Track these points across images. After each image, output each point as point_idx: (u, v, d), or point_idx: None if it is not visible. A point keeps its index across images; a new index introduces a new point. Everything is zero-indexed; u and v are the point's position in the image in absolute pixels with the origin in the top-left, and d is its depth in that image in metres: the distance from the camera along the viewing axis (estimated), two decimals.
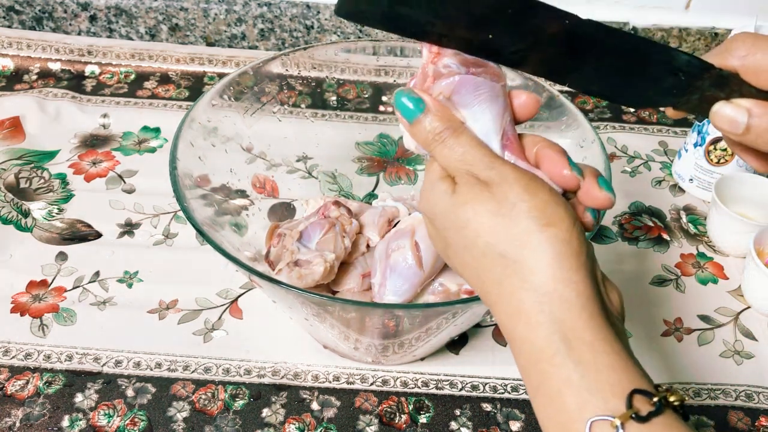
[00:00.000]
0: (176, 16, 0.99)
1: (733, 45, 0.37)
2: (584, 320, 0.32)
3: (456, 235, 0.36)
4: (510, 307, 0.34)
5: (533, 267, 0.33)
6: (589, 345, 0.32)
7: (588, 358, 0.31)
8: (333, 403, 0.60)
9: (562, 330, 0.32)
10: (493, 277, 0.35)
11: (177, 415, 0.59)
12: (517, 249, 0.34)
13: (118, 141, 0.86)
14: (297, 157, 0.76)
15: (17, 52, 0.98)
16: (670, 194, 0.83)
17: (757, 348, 0.67)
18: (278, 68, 0.70)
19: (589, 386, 0.31)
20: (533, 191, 0.34)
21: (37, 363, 0.62)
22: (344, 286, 0.63)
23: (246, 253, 0.63)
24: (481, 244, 0.35)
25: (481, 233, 0.35)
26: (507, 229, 0.34)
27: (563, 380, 0.32)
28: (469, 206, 0.35)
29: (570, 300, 0.33)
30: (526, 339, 0.33)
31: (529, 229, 0.33)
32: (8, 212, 0.76)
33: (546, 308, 0.33)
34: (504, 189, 0.35)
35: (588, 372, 0.31)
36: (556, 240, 0.33)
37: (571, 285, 0.33)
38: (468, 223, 0.35)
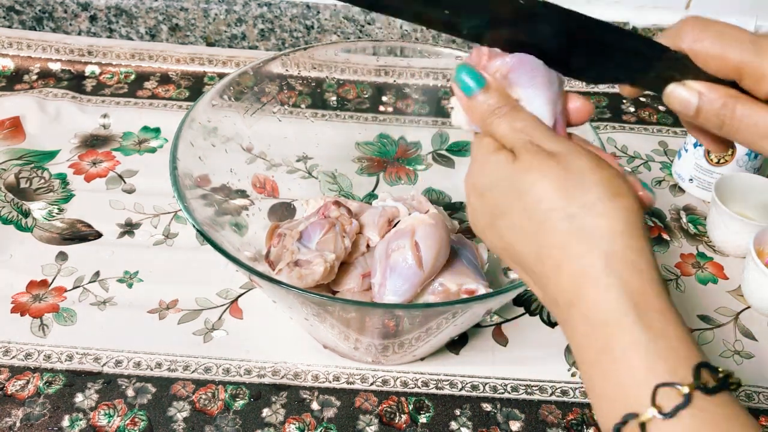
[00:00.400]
0: (176, 17, 0.99)
1: (683, 29, 0.38)
2: (654, 289, 0.32)
3: (516, 201, 0.36)
4: (576, 271, 0.34)
5: (604, 232, 0.33)
6: (659, 313, 0.32)
7: (658, 325, 0.31)
8: (333, 403, 0.60)
9: (632, 295, 0.32)
10: (557, 241, 0.34)
11: (177, 415, 0.59)
12: (587, 215, 0.34)
13: (119, 141, 0.86)
14: (297, 157, 0.76)
15: (17, 52, 0.98)
16: (670, 194, 0.83)
17: (757, 348, 0.67)
18: (278, 68, 0.70)
19: (658, 352, 0.31)
20: (600, 165, 0.35)
21: (38, 363, 0.62)
22: (344, 286, 0.63)
23: (246, 253, 0.63)
24: (545, 208, 0.35)
25: (546, 198, 0.35)
26: (577, 195, 0.34)
27: (632, 343, 0.31)
28: (535, 171, 0.35)
29: (641, 267, 0.33)
30: (593, 301, 0.33)
31: (599, 198, 0.34)
32: (8, 212, 0.76)
33: (617, 272, 0.32)
34: (571, 159, 0.35)
35: (658, 338, 0.31)
36: (626, 210, 0.34)
37: (642, 253, 0.33)
38: (532, 188, 0.35)
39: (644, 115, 0.94)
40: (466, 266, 0.61)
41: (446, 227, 0.62)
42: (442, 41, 1.00)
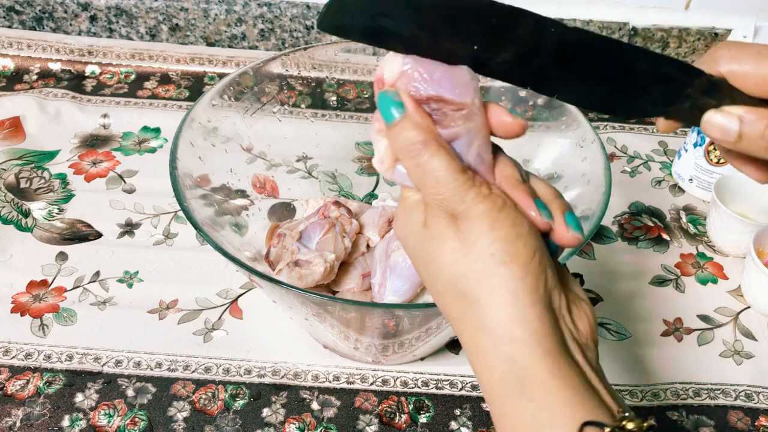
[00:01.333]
0: (176, 17, 0.99)
1: (718, 53, 0.36)
2: (538, 357, 0.33)
3: (423, 267, 0.37)
4: (471, 344, 0.35)
5: (489, 307, 0.34)
6: (542, 383, 0.32)
7: (540, 397, 0.32)
8: (333, 403, 0.60)
9: (515, 369, 0.33)
10: (456, 313, 0.35)
11: (177, 414, 0.59)
12: (475, 289, 0.34)
13: (118, 141, 0.86)
14: (297, 157, 0.76)
15: (17, 52, 0.98)
16: (669, 194, 0.83)
17: (757, 348, 0.67)
18: (278, 68, 0.70)
19: (542, 423, 0.32)
20: (497, 227, 0.34)
21: (38, 363, 0.62)
22: (344, 286, 0.63)
23: (246, 253, 0.63)
24: (444, 279, 0.35)
25: (444, 270, 0.35)
26: (466, 268, 0.34)
27: (518, 417, 0.33)
28: (434, 242, 0.35)
29: (523, 340, 0.33)
30: (483, 376, 0.34)
31: (486, 269, 0.34)
32: (8, 212, 0.76)
33: (501, 348, 0.33)
34: (468, 226, 0.34)
35: (540, 410, 0.32)
36: (511, 278, 0.33)
37: (525, 324, 0.33)
38: (434, 259, 0.36)
39: None
40: None
41: None
42: None
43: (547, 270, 0.35)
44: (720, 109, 0.36)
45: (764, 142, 0.35)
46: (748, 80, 0.35)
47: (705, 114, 0.36)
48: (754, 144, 0.36)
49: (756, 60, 0.35)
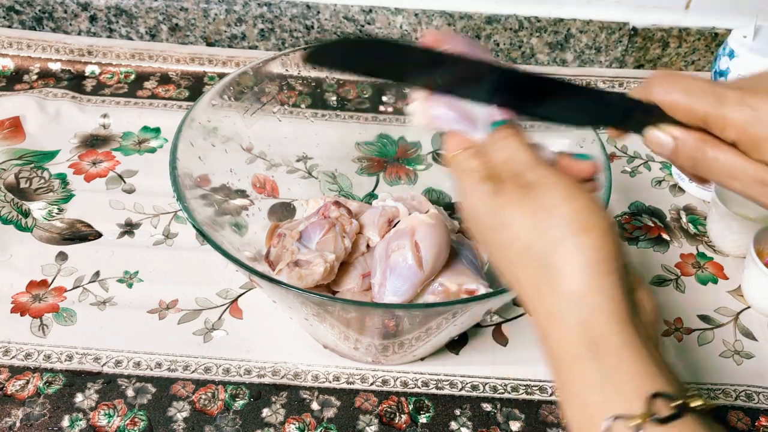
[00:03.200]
0: (176, 16, 0.99)
1: (652, 83, 0.40)
2: (612, 325, 0.34)
3: (495, 235, 0.38)
4: (543, 309, 0.36)
5: (565, 273, 0.35)
6: (615, 349, 0.33)
7: (612, 362, 0.33)
8: (333, 403, 0.60)
9: (589, 334, 0.34)
10: (529, 279, 0.36)
11: (177, 415, 0.59)
12: (551, 254, 0.35)
13: (118, 141, 0.86)
14: (297, 157, 0.76)
15: (17, 52, 0.98)
16: (670, 194, 0.83)
17: (757, 348, 0.67)
18: (278, 68, 0.70)
19: (611, 387, 0.32)
20: (571, 197, 0.36)
21: (37, 363, 0.62)
22: (344, 286, 0.63)
23: (246, 253, 0.63)
24: (519, 246, 0.36)
25: (519, 236, 0.36)
26: (543, 234, 0.35)
27: (588, 380, 0.33)
28: (509, 208, 0.37)
29: (599, 306, 0.34)
30: (556, 339, 0.35)
31: (563, 235, 0.35)
32: (8, 212, 0.76)
33: (575, 313, 0.34)
34: (543, 193, 0.36)
35: (611, 375, 0.33)
36: (587, 247, 0.35)
37: (601, 291, 0.34)
38: (508, 225, 0.37)
39: None
40: (466, 266, 0.61)
41: (446, 227, 0.62)
42: None
43: (621, 244, 0.36)
44: (659, 126, 0.40)
45: (692, 161, 0.40)
46: (675, 110, 0.39)
47: (645, 130, 0.41)
48: (685, 161, 0.40)
49: (684, 94, 0.39)
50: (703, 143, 0.39)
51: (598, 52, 1.00)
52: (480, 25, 0.98)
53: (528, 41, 0.99)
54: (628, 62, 1.01)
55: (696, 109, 0.38)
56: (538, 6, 0.97)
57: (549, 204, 0.36)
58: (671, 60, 1.01)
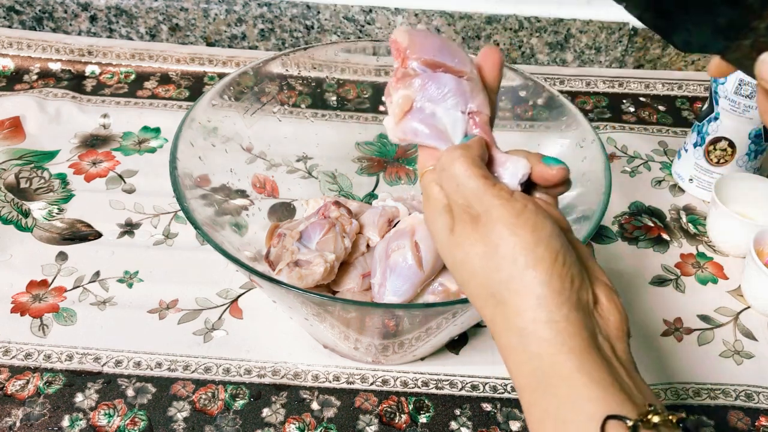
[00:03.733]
0: (176, 17, 0.99)
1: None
2: (564, 356, 0.34)
3: (455, 271, 0.39)
4: (501, 343, 0.37)
5: (517, 310, 0.35)
6: (565, 380, 0.33)
7: (563, 392, 0.33)
8: (333, 403, 0.60)
9: (541, 367, 0.34)
10: (488, 315, 0.37)
11: (177, 414, 0.59)
12: (503, 292, 0.36)
13: (118, 141, 0.86)
14: (297, 157, 0.76)
15: (17, 52, 0.98)
16: (670, 194, 0.83)
17: (757, 348, 0.67)
18: (278, 68, 0.70)
19: (565, 418, 0.33)
20: (516, 231, 0.35)
21: (38, 363, 0.62)
22: (344, 286, 0.63)
23: (246, 253, 0.63)
24: (475, 284, 0.37)
25: (474, 273, 0.37)
26: (492, 273, 0.36)
27: (544, 411, 0.34)
28: (461, 249, 0.37)
29: (549, 340, 0.34)
30: (514, 372, 0.36)
31: (511, 274, 0.35)
32: (8, 212, 0.76)
33: (528, 347, 0.35)
34: (489, 228, 0.36)
35: (563, 404, 0.33)
36: (536, 282, 0.35)
37: (551, 325, 0.34)
38: (463, 263, 0.37)
39: (644, 115, 0.94)
40: None
41: None
42: None
43: (572, 269, 0.35)
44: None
45: None
46: None
47: (763, 54, 0.35)
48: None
49: None
50: None
51: (598, 52, 1.00)
52: (480, 25, 0.98)
53: (528, 41, 0.99)
54: (628, 62, 1.01)
55: None
56: (538, 6, 0.97)
57: (495, 240, 0.36)
58: (671, 60, 1.01)
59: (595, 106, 0.95)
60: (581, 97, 0.97)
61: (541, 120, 0.67)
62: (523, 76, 0.68)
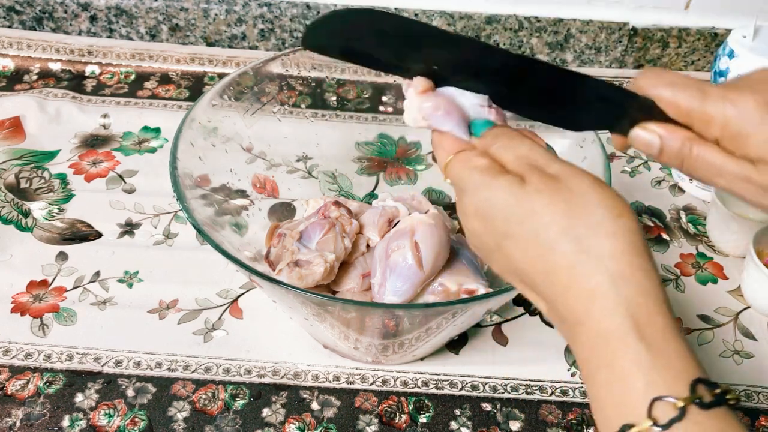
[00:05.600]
0: (176, 17, 0.99)
1: (642, 79, 0.40)
2: (657, 306, 0.34)
3: (525, 223, 0.37)
4: (584, 291, 0.35)
5: (610, 253, 0.35)
6: (661, 331, 0.33)
7: (659, 343, 0.33)
8: (333, 403, 0.60)
9: (636, 313, 0.33)
10: (565, 263, 0.36)
11: (177, 414, 0.59)
12: (593, 236, 0.35)
13: (119, 141, 0.86)
14: (297, 157, 0.76)
15: (17, 52, 0.98)
16: (669, 194, 0.83)
17: (757, 348, 0.67)
18: (278, 68, 0.70)
19: (658, 368, 0.32)
20: (600, 185, 0.36)
21: (38, 363, 0.62)
22: (344, 286, 0.63)
23: (246, 253, 0.63)
24: (554, 231, 0.36)
25: (554, 222, 0.36)
26: (581, 218, 0.35)
27: (633, 360, 0.33)
28: (542, 195, 0.36)
29: (645, 286, 0.34)
30: (599, 320, 0.34)
31: (604, 218, 0.35)
32: (8, 212, 0.76)
33: (622, 292, 0.34)
34: (574, 182, 0.36)
35: (658, 355, 0.33)
36: (629, 230, 0.35)
37: (646, 272, 0.34)
38: (539, 212, 0.36)
39: None
40: (466, 266, 0.61)
41: (446, 227, 0.62)
42: None
43: None
44: (643, 125, 0.40)
45: (678, 159, 0.40)
46: (664, 105, 0.40)
47: (631, 130, 0.41)
48: (671, 159, 0.40)
49: (669, 89, 0.39)
50: (689, 141, 0.39)
51: (598, 52, 1.00)
52: (480, 25, 0.98)
53: (528, 41, 0.99)
54: (628, 62, 1.01)
55: (681, 105, 0.39)
56: (538, 6, 0.97)
57: (581, 191, 0.36)
58: (671, 60, 1.01)
59: None
60: None
61: None
62: None
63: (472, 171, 0.39)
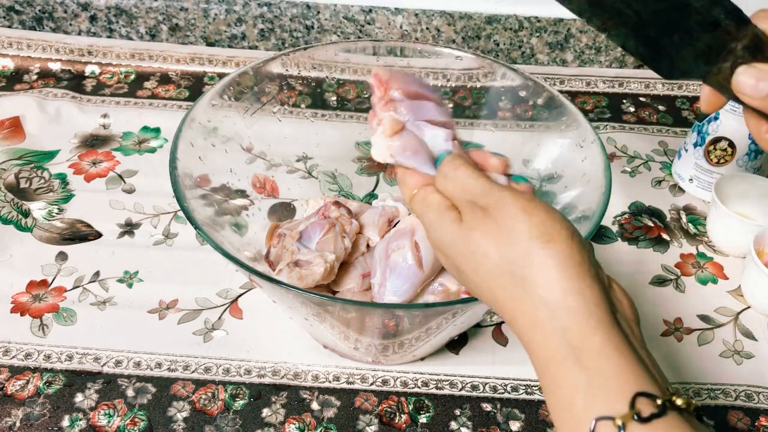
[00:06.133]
0: (176, 17, 0.99)
1: (759, 15, 0.37)
2: (592, 326, 0.34)
3: (467, 260, 0.39)
4: (525, 320, 0.36)
5: (541, 282, 0.35)
6: (596, 351, 0.34)
7: (594, 364, 0.33)
8: (333, 403, 0.60)
9: (570, 338, 0.34)
10: (507, 295, 0.37)
11: (177, 415, 0.59)
12: (524, 268, 0.36)
13: (118, 141, 0.86)
14: (297, 157, 0.76)
15: (17, 52, 0.98)
16: (670, 194, 0.83)
17: (757, 348, 0.67)
18: (278, 68, 0.70)
19: (595, 390, 0.33)
20: (530, 211, 0.37)
21: (37, 363, 0.62)
22: (344, 286, 0.63)
23: (246, 253, 0.63)
24: (491, 266, 0.37)
25: (489, 256, 0.37)
26: (511, 250, 0.36)
27: (572, 384, 0.34)
28: (475, 232, 0.38)
29: (577, 308, 0.34)
30: (540, 346, 0.36)
31: (531, 248, 0.36)
32: (8, 212, 0.76)
33: (557, 318, 0.35)
34: (503, 213, 0.37)
35: (594, 377, 0.33)
36: (557, 254, 0.35)
37: (578, 294, 0.35)
38: (477, 248, 0.38)
39: (644, 115, 0.94)
40: None
41: None
42: (441, 41, 1.00)
43: (587, 247, 0.37)
44: (753, 65, 0.36)
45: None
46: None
47: (738, 68, 0.36)
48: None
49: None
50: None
51: (598, 52, 1.00)
52: (480, 25, 0.98)
53: (528, 41, 0.99)
54: (628, 62, 1.01)
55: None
56: (538, 6, 0.97)
57: (510, 222, 0.37)
58: None
59: (595, 106, 0.95)
60: (581, 97, 0.97)
61: (541, 120, 0.67)
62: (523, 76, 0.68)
63: (427, 209, 0.41)
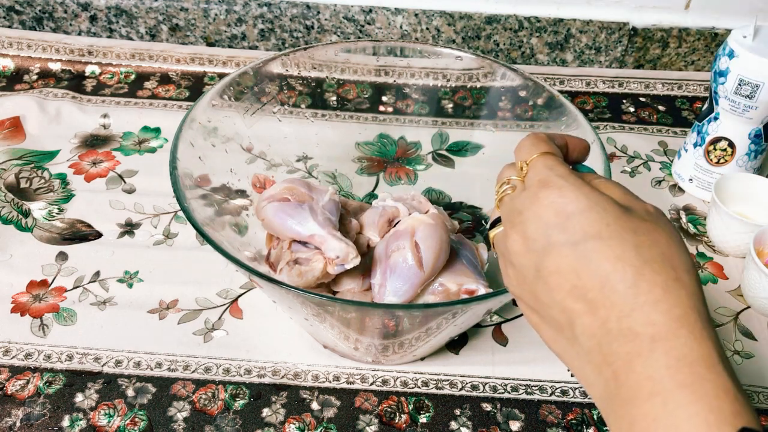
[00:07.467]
0: (176, 17, 0.99)
1: None
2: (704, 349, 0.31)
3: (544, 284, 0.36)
4: (618, 335, 0.33)
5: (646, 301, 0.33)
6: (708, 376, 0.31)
7: (705, 390, 0.30)
8: (333, 403, 0.60)
9: (687, 361, 0.31)
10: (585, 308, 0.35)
11: (177, 414, 0.59)
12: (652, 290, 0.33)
13: (119, 141, 0.86)
14: (297, 157, 0.76)
15: (17, 52, 0.98)
16: (669, 194, 0.83)
17: (757, 348, 0.67)
18: (278, 68, 0.70)
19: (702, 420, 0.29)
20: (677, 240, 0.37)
21: (38, 363, 0.62)
22: (344, 286, 0.63)
23: (246, 253, 0.63)
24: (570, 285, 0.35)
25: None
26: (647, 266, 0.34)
27: (680, 413, 0.30)
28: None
29: (692, 328, 0.32)
30: (638, 367, 0.32)
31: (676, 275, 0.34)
32: (8, 212, 0.76)
33: (669, 340, 0.32)
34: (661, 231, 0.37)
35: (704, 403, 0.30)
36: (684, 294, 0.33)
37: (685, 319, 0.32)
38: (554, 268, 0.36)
39: (644, 115, 0.94)
40: (466, 266, 0.61)
41: (446, 227, 0.62)
42: (441, 41, 1.00)
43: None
44: None
45: None
46: None
47: None
48: None
49: None
50: None
51: (598, 52, 1.00)
52: (480, 25, 0.98)
53: (528, 41, 0.99)
54: (628, 62, 1.01)
55: None
56: (538, 6, 0.97)
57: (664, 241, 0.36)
58: (671, 60, 1.01)
59: (595, 106, 0.95)
60: (581, 97, 0.97)
61: (541, 120, 0.67)
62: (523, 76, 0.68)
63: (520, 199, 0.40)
